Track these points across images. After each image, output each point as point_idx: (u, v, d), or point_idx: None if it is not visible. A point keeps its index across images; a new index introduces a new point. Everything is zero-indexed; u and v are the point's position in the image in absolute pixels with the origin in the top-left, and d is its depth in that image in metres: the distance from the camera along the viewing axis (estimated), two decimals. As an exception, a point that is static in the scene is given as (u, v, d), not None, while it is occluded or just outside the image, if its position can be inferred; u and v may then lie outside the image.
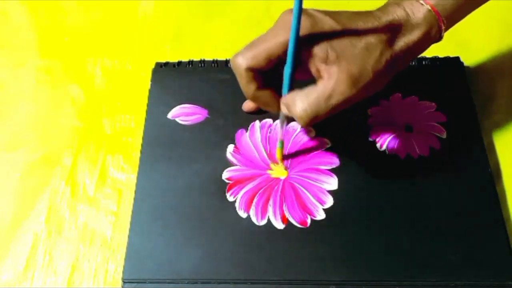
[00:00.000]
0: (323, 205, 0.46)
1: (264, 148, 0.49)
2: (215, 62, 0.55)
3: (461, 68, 0.53)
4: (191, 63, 0.55)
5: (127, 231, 0.45)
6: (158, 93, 0.53)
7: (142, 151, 0.49)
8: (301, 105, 0.40)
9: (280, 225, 0.45)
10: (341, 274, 0.42)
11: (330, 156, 0.48)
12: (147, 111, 0.52)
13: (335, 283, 0.42)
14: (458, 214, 0.45)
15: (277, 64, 0.41)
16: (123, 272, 0.43)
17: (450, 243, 0.43)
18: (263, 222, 0.45)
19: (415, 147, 0.49)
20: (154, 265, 0.43)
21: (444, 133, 0.49)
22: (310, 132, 0.50)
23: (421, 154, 0.48)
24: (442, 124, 0.50)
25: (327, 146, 0.49)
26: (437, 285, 0.42)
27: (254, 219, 0.45)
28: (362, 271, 0.43)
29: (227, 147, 0.49)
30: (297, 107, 0.41)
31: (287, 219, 0.45)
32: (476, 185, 0.46)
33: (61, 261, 0.45)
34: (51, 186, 0.49)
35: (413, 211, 0.45)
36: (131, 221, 0.45)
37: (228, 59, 0.54)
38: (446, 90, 0.52)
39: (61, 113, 0.54)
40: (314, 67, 0.40)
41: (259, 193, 0.47)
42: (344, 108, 0.41)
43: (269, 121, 0.51)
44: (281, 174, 0.48)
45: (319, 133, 0.50)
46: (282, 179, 0.47)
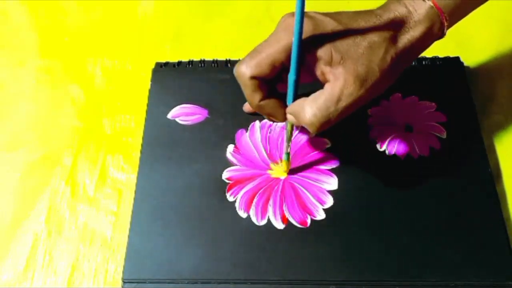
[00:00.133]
0: (323, 205, 0.46)
1: (264, 148, 0.49)
2: (215, 62, 0.54)
3: (461, 68, 0.53)
4: (191, 63, 0.55)
5: (127, 231, 0.45)
6: (158, 93, 0.53)
7: (142, 151, 0.49)
8: (310, 110, 0.39)
9: (280, 225, 0.45)
10: (341, 274, 0.42)
11: (330, 156, 0.48)
12: (147, 111, 0.52)
13: (335, 283, 0.42)
14: (458, 214, 0.45)
15: (281, 72, 0.40)
16: (123, 272, 0.43)
17: (450, 243, 0.43)
18: (263, 222, 0.45)
19: (415, 147, 0.49)
20: (154, 265, 0.43)
21: (444, 133, 0.49)
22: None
23: (421, 154, 0.48)
24: (442, 124, 0.50)
25: (327, 146, 0.49)
26: (437, 285, 0.42)
27: (254, 219, 0.45)
28: (362, 271, 0.42)
29: (227, 147, 0.49)
30: (306, 114, 0.39)
31: (287, 219, 0.45)
32: (476, 185, 0.46)
33: (61, 261, 0.45)
34: (51, 186, 0.49)
35: (413, 211, 0.45)
36: (131, 221, 0.45)
37: (228, 59, 0.54)
38: (446, 90, 0.52)
39: (61, 113, 0.54)
40: (319, 70, 0.40)
41: (259, 193, 0.47)
42: (354, 110, 0.40)
43: (269, 121, 0.51)
44: (281, 174, 0.48)
45: (319, 133, 0.49)
46: (282, 179, 0.47)
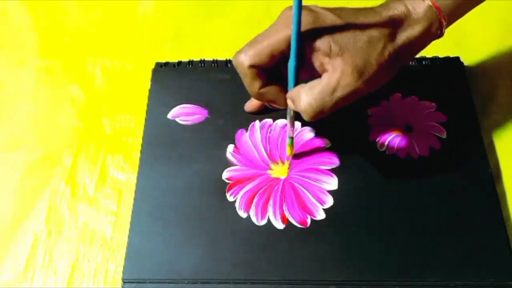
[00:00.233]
0: (323, 205, 0.46)
1: (264, 148, 0.49)
2: (215, 62, 0.54)
3: (461, 68, 0.53)
4: (191, 63, 0.55)
5: (127, 231, 0.45)
6: (158, 93, 0.53)
7: (142, 151, 0.49)
8: (306, 98, 0.40)
9: (280, 225, 0.45)
10: (341, 274, 0.42)
11: (330, 156, 0.48)
12: (147, 111, 0.52)
13: (335, 283, 0.42)
14: (458, 214, 0.45)
15: (280, 60, 0.41)
16: (123, 272, 0.43)
17: (450, 243, 0.43)
18: (263, 222, 0.45)
19: (415, 147, 0.49)
20: (154, 265, 0.43)
21: (444, 133, 0.49)
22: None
23: (421, 154, 0.48)
24: (442, 124, 0.50)
25: (327, 146, 0.49)
26: (437, 285, 0.42)
27: (254, 219, 0.45)
28: (362, 271, 0.42)
29: (227, 147, 0.49)
30: (301, 101, 0.40)
31: (287, 219, 0.45)
32: (476, 185, 0.46)
33: (61, 261, 0.45)
34: (51, 186, 0.49)
35: (413, 211, 0.45)
36: (131, 221, 0.45)
37: (228, 59, 0.54)
38: (446, 90, 0.52)
39: (61, 113, 0.54)
40: (317, 61, 0.40)
41: (259, 193, 0.47)
42: (349, 103, 0.40)
43: (269, 121, 0.51)
44: (281, 174, 0.48)
45: (319, 133, 0.50)
46: (282, 179, 0.47)
